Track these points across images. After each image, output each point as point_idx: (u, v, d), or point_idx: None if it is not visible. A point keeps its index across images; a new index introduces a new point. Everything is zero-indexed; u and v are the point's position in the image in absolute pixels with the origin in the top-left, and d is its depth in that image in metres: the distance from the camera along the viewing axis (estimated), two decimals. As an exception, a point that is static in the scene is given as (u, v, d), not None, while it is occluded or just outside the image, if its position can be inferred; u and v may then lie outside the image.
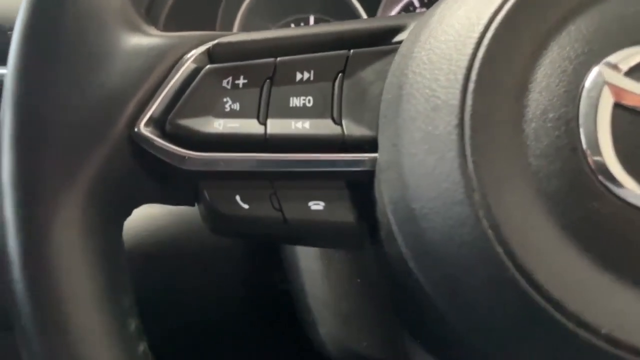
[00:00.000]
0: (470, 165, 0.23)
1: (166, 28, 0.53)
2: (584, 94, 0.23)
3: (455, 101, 0.24)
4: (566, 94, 0.23)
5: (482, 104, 0.23)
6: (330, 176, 0.28)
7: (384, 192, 0.26)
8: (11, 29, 0.53)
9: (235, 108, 0.28)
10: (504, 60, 0.24)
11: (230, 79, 0.28)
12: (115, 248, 0.27)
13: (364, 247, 0.29)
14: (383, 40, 0.30)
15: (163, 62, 0.28)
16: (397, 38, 0.30)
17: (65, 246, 0.25)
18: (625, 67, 0.23)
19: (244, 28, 0.67)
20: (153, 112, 0.27)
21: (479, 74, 0.24)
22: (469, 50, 0.24)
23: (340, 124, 0.28)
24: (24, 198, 0.25)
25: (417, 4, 0.70)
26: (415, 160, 0.25)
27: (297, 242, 0.33)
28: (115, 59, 0.27)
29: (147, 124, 0.27)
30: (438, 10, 0.28)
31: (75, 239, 0.26)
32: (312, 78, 0.29)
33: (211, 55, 0.29)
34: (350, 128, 0.28)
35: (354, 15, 0.68)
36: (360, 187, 0.28)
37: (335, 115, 0.28)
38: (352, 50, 0.29)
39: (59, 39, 0.27)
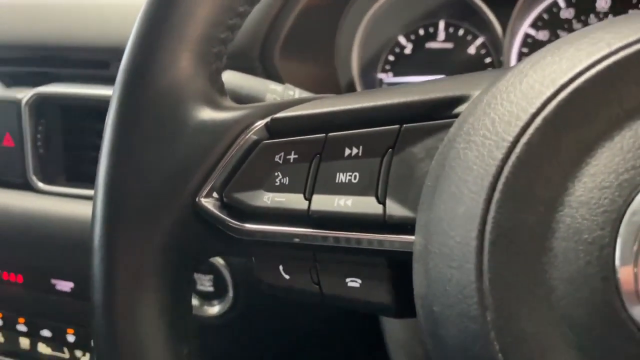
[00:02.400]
0: (486, 282, 0.22)
1: (283, 53, 0.56)
2: (627, 217, 0.20)
3: (478, 210, 0.22)
4: (605, 214, 0.21)
5: (506, 216, 0.22)
6: (368, 254, 0.28)
7: (415, 282, 0.26)
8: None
9: (284, 182, 0.30)
10: (538, 167, 0.22)
11: (282, 154, 0.30)
12: (182, 301, 0.31)
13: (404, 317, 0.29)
14: (438, 113, 0.29)
15: (226, 137, 0.31)
16: (456, 110, 0.29)
17: (138, 303, 0.30)
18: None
19: (369, 38, 0.67)
20: (214, 184, 0.30)
21: (507, 184, 0.22)
22: (500, 154, 0.22)
23: (384, 203, 0.28)
24: (107, 256, 0.30)
25: (562, 4, 0.63)
26: (438, 261, 0.24)
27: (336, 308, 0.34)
28: (185, 135, 0.30)
29: (207, 195, 0.30)
30: (492, 90, 0.26)
31: (150, 297, 0.30)
32: (360, 154, 0.29)
33: (269, 129, 0.31)
34: (393, 208, 0.28)
35: (484, 21, 0.64)
36: (399, 267, 0.28)
37: (379, 193, 0.28)
38: (403, 125, 0.29)
39: (139, 116, 0.31)
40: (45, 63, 0.64)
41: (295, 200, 0.29)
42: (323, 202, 0.29)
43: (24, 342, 0.74)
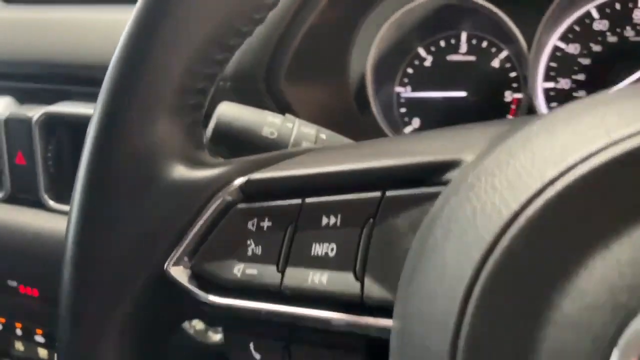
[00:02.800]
0: None
1: (289, 76, 0.53)
2: (620, 344, 0.17)
3: (452, 319, 0.20)
4: (594, 342, 0.18)
5: (481, 331, 0.19)
6: (345, 336, 0.26)
7: None
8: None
9: (257, 252, 0.28)
10: (519, 276, 0.19)
11: (255, 220, 0.28)
12: None
13: None
14: (425, 178, 0.26)
15: (198, 198, 0.29)
16: (446, 176, 0.26)
17: None
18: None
19: (386, 49, 0.64)
20: (184, 251, 0.28)
21: (483, 293, 0.19)
22: (478, 256, 0.20)
23: (362, 281, 0.26)
24: (74, 323, 0.29)
25: (595, 15, 0.58)
26: None
27: None
28: (156, 196, 0.29)
29: (177, 262, 0.28)
30: (478, 169, 0.23)
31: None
32: (338, 223, 0.27)
33: (244, 191, 0.29)
34: (371, 287, 0.25)
35: (506, 35, 0.60)
36: (378, 353, 0.26)
37: (358, 269, 0.26)
38: (386, 193, 0.26)
39: (108, 175, 0.29)
40: (56, 80, 0.64)
41: (267, 274, 0.27)
42: (297, 277, 0.27)
43: (42, 353, 0.75)
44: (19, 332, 0.75)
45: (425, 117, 0.65)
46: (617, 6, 0.58)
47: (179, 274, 0.28)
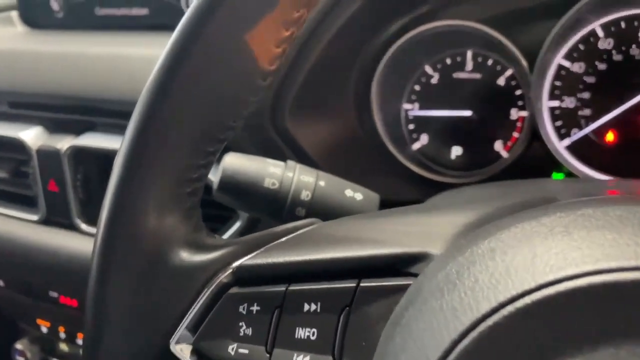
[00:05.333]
0: None
1: (294, 112, 0.55)
2: None
3: None
4: None
5: None
6: None
7: None
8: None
9: (248, 333, 0.31)
10: None
11: (246, 305, 0.31)
12: None
13: None
14: (397, 269, 0.29)
15: (198, 280, 0.32)
16: (412, 268, 0.29)
17: None
18: None
19: (392, 67, 0.65)
20: (185, 330, 0.32)
21: None
22: None
23: None
24: None
25: (600, 33, 0.58)
26: None
27: None
28: (158, 281, 0.32)
29: (179, 340, 0.32)
30: (433, 283, 0.25)
31: None
32: (318, 310, 0.30)
33: (236, 275, 0.32)
34: None
35: (509, 55, 0.60)
36: None
37: (336, 353, 0.29)
38: (360, 284, 0.29)
39: (115, 263, 0.33)
40: (83, 112, 0.68)
41: (257, 354, 0.30)
42: (283, 358, 0.30)
43: (85, 354, 0.82)
44: (62, 335, 0.82)
45: (432, 134, 0.67)
46: (623, 25, 0.57)
47: (182, 350, 0.32)
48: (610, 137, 0.59)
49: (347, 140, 0.62)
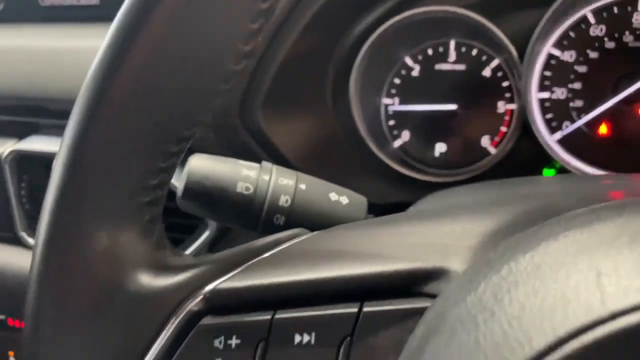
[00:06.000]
0: None
1: (266, 108, 0.49)
2: None
3: None
4: None
5: None
6: None
7: None
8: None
9: (227, 374, 0.25)
10: None
11: (222, 338, 0.25)
12: None
13: None
14: (408, 289, 0.24)
15: (161, 310, 0.26)
16: (427, 288, 0.24)
17: None
18: None
19: (370, 60, 0.60)
20: None
21: None
22: None
23: None
24: None
25: (592, 20, 0.54)
26: None
27: None
28: (114, 310, 0.26)
29: None
30: (461, 309, 0.20)
31: None
32: (312, 342, 0.24)
33: (209, 302, 0.26)
34: None
35: (495, 43, 0.56)
36: None
37: None
38: (364, 307, 0.24)
39: (58, 291, 0.26)
40: (26, 113, 0.60)
41: None
42: (270, 406, 0.24)
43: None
44: (12, 360, 0.75)
45: (414, 130, 0.62)
46: (615, 10, 0.54)
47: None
48: (603, 129, 0.56)
49: (325, 138, 0.56)
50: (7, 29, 0.67)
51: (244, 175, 0.40)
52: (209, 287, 0.26)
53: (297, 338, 0.24)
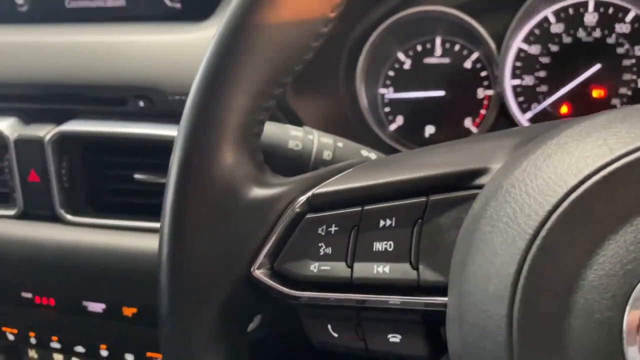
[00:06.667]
0: (516, 354, 0.26)
1: (295, 92, 0.58)
2: (631, 301, 0.25)
3: (507, 292, 0.27)
4: (613, 298, 0.25)
5: (531, 298, 0.26)
6: (406, 313, 0.33)
7: (450, 341, 0.30)
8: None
9: (328, 252, 0.34)
10: (556, 257, 0.26)
11: (324, 226, 0.34)
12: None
13: None
14: (461, 184, 0.33)
15: (272, 213, 0.35)
16: (477, 181, 0.33)
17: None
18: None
19: (373, 55, 0.70)
20: (265, 256, 0.34)
21: (530, 271, 0.26)
22: (523, 244, 0.27)
23: (417, 269, 0.32)
24: (173, 321, 0.34)
25: (552, 19, 0.67)
26: (473, 330, 0.28)
27: None
28: (235, 216, 0.34)
29: (260, 266, 0.34)
30: (511, 178, 0.29)
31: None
32: (393, 225, 0.33)
33: (310, 204, 0.35)
34: (425, 273, 0.32)
35: (476, 38, 0.68)
36: (433, 323, 0.32)
37: (412, 260, 0.32)
38: (430, 198, 0.33)
39: (192, 204, 0.34)
40: (64, 100, 0.67)
41: (339, 268, 0.33)
42: (364, 270, 0.33)
43: (58, 358, 0.79)
44: (33, 340, 0.78)
45: (407, 115, 0.73)
46: (571, 11, 0.66)
47: (264, 275, 0.34)
48: (564, 109, 0.68)
49: (339, 117, 0.66)
50: (35, 27, 0.73)
51: (293, 134, 0.49)
52: (310, 193, 0.35)
53: (381, 222, 0.33)
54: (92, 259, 0.66)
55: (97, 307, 0.71)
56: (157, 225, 0.66)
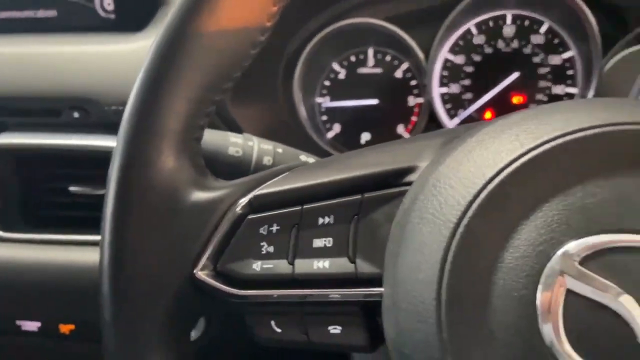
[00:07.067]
0: (445, 333, 0.29)
1: (234, 101, 0.60)
2: (542, 279, 0.28)
3: (435, 278, 0.29)
4: (527, 278, 0.28)
5: (456, 281, 0.29)
6: (345, 305, 0.34)
7: (386, 329, 0.32)
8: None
9: (270, 250, 0.35)
10: (477, 243, 0.29)
11: (266, 226, 0.35)
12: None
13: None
14: (394, 181, 0.35)
15: (214, 216, 0.36)
16: (407, 179, 0.35)
17: None
18: (579, 256, 0.28)
19: (310, 65, 0.72)
20: (207, 258, 0.35)
21: (454, 256, 0.29)
22: (448, 233, 0.29)
23: (355, 262, 0.34)
24: (116, 332, 0.34)
25: (474, 31, 0.71)
26: (406, 316, 0.30)
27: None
28: (177, 219, 0.35)
29: (203, 268, 0.35)
30: (436, 173, 0.32)
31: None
32: (332, 222, 0.35)
33: (252, 205, 0.36)
34: (362, 266, 0.34)
35: (406, 49, 0.71)
36: (371, 314, 0.34)
37: (350, 254, 0.34)
38: (365, 195, 0.35)
39: (133, 208, 0.35)
40: None
41: (281, 266, 0.35)
42: (304, 266, 0.35)
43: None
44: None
45: (344, 123, 0.75)
46: (491, 23, 0.71)
47: (207, 276, 0.35)
48: (488, 114, 0.72)
49: (278, 126, 0.67)
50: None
51: (233, 141, 0.50)
52: (250, 195, 0.36)
53: (320, 220, 0.35)
54: (26, 275, 0.64)
55: (32, 325, 0.69)
56: (93, 238, 0.67)
